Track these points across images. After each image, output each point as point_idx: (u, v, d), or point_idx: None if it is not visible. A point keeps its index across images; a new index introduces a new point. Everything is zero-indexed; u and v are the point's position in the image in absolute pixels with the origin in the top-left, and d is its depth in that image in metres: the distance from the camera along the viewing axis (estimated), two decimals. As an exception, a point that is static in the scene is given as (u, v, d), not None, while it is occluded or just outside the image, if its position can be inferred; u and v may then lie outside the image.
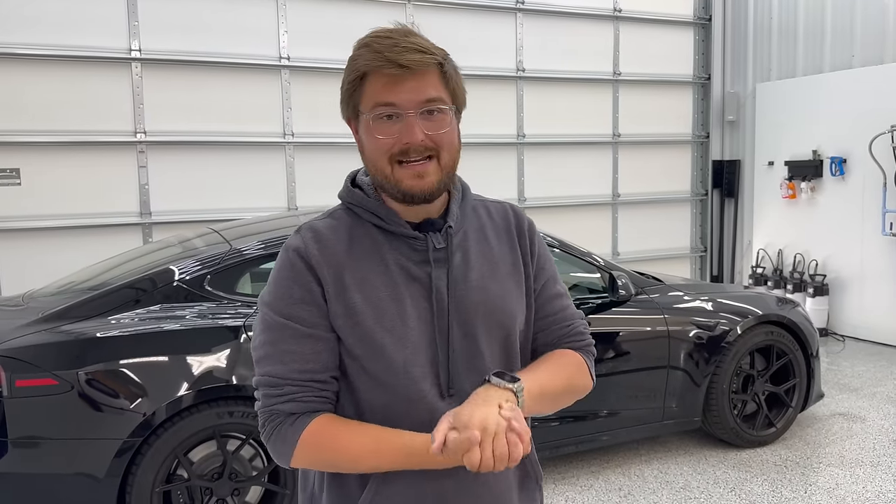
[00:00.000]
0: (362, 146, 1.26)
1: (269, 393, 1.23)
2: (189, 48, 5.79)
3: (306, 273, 1.22)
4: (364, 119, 1.23)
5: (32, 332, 2.90)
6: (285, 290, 1.23)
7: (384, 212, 1.26)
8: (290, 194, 6.29)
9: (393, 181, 1.22)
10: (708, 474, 3.96)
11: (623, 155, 7.81)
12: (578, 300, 3.96)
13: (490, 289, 1.31)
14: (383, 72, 1.18)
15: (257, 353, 1.25)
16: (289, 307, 1.22)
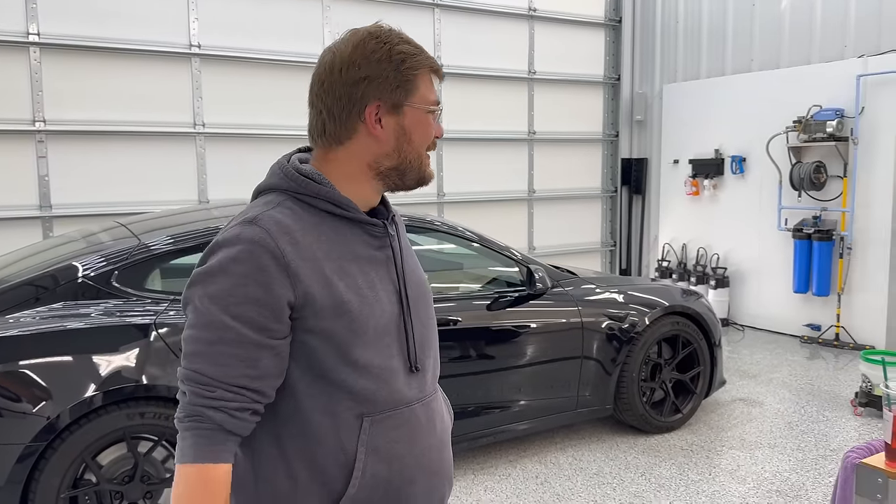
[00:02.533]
0: (383, 141, 1.26)
1: (198, 392, 1.15)
2: (94, 33, 5.52)
3: (274, 271, 1.15)
4: (417, 111, 1.26)
5: None
6: (237, 287, 1.14)
7: (343, 200, 1.25)
8: (200, 187, 6.09)
9: (424, 167, 1.30)
10: (619, 460, 4.12)
11: (538, 152, 7.98)
12: (498, 293, 4.03)
13: (419, 273, 1.40)
14: (430, 74, 1.30)
15: (190, 346, 1.16)
16: (238, 306, 1.14)
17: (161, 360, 2.98)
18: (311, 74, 1.27)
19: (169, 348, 2.99)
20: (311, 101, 1.26)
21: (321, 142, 1.27)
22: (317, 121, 1.26)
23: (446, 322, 3.70)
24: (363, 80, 1.22)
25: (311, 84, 1.26)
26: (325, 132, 1.25)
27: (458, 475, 3.92)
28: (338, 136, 1.25)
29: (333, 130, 1.24)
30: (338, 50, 1.24)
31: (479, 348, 3.86)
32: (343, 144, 1.25)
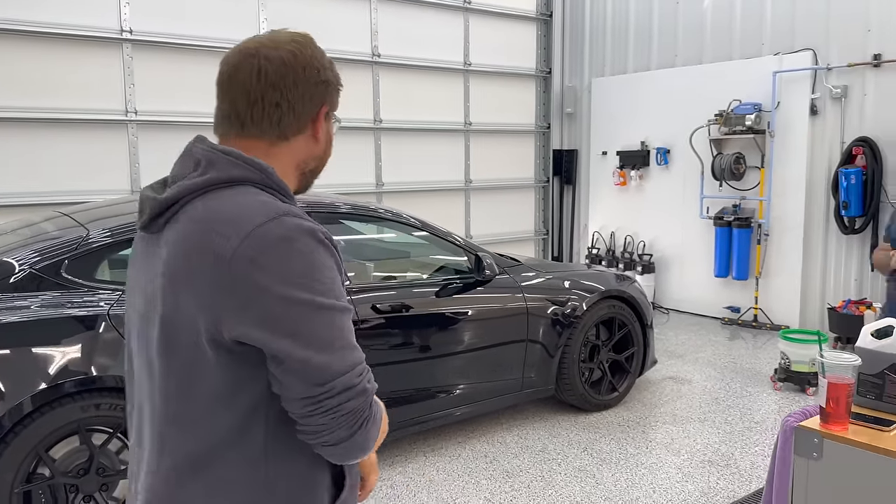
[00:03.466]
0: (320, 143, 1.31)
1: (367, 378, 1.15)
2: (24, 17, 5.27)
3: (338, 260, 1.18)
4: (333, 123, 1.34)
5: None
6: (334, 276, 1.15)
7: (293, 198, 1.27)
8: (133, 176, 5.93)
9: (315, 176, 1.36)
10: (562, 437, 4.31)
11: (474, 143, 8.13)
12: (446, 280, 4.14)
13: None
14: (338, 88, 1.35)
15: (342, 341, 1.13)
16: (342, 293, 1.16)
17: (109, 351, 2.94)
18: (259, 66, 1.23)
19: (122, 336, 2.95)
20: (272, 97, 1.23)
21: (271, 134, 1.24)
22: (273, 112, 1.22)
23: (399, 308, 3.78)
24: (324, 83, 1.27)
25: (272, 81, 1.22)
26: (280, 125, 1.24)
27: (410, 457, 4.01)
28: (291, 130, 1.25)
29: (289, 125, 1.24)
30: (293, 49, 1.25)
31: (429, 334, 3.96)
32: (289, 140, 1.25)
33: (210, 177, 1.17)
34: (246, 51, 1.25)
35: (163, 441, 1.18)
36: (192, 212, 1.15)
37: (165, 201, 1.17)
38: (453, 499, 3.56)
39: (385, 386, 3.68)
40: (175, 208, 1.17)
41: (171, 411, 1.16)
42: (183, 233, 1.14)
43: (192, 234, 1.13)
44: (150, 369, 1.19)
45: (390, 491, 3.63)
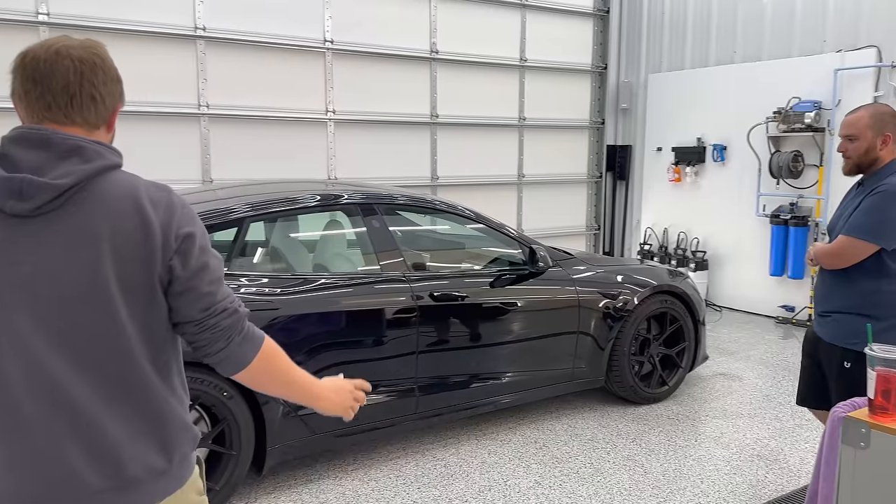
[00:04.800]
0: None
1: (236, 300, 1.51)
2: (98, 14, 5.61)
3: None
4: None
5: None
6: None
7: None
8: (204, 167, 6.24)
9: None
10: (611, 427, 4.42)
11: (528, 138, 8.23)
12: (499, 271, 4.28)
13: None
14: None
15: (220, 273, 1.49)
16: None
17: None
18: (72, 65, 1.39)
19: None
20: (87, 89, 1.40)
21: (92, 122, 1.43)
22: (90, 105, 1.41)
23: (454, 297, 3.94)
24: (120, 82, 1.48)
25: (87, 76, 1.40)
26: (97, 115, 1.43)
27: (462, 440, 4.18)
28: (104, 120, 1.45)
29: (104, 115, 1.45)
30: (98, 53, 1.44)
31: (481, 322, 4.11)
32: (100, 129, 1.45)
33: (101, 165, 1.39)
34: None
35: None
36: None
37: (59, 186, 1.33)
38: (504, 480, 3.71)
39: (438, 370, 3.88)
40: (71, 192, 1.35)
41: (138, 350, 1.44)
42: (108, 208, 1.36)
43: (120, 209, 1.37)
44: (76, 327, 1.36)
45: (444, 470, 3.81)
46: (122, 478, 1.40)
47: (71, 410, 1.36)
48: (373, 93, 7.04)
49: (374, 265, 3.87)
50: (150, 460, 1.44)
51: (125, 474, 1.40)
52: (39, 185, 1.32)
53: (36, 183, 1.32)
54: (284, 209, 3.80)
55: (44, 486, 1.36)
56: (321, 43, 6.68)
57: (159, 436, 1.46)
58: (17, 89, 1.40)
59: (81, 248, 1.34)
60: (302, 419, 3.47)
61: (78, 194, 1.35)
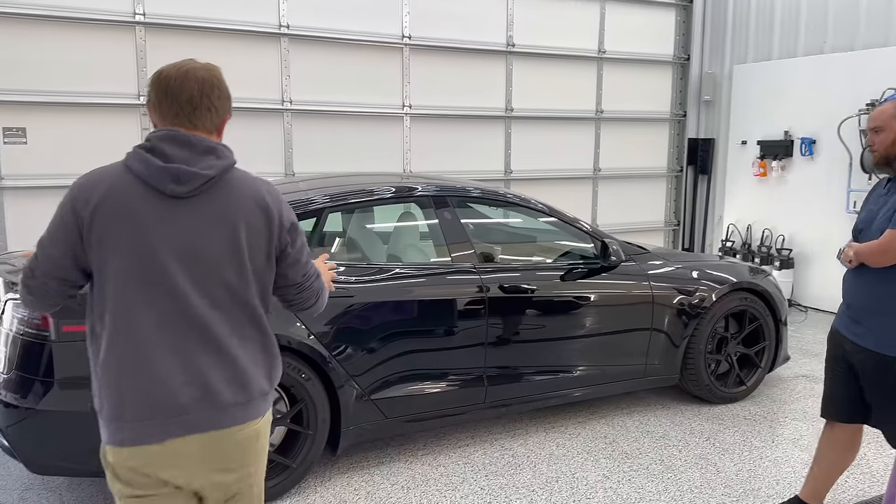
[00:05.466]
0: None
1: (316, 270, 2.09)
2: (192, 13, 5.91)
3: None
4: None
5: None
6: None
7: None
8: (287, 161, 6.47)
9: None
10: (684, 426, 4.35)
11: (605, 131, 8.12)
12: (571, 265, 4.28)
13: None
14: None
15: (306, 254, 2.01)
16: None
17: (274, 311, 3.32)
18: (196, 83, 1.79)
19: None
20: (206, 103, 1.79)
21: (209, 128, 1.82)
22: (207, 115, 1.80)
23: (523, 290, 3.97)
24: (230, 99, 1.89)
25: (206, 92, 1.80)
26: (212, 123, 1.83)
27: (531, 431, 4.21)
28: (216, 127, 1.85)
29: (217, 124, 1.84)
30: (216, 75, 1.84)
31: (552, 316, 4.13)
32: (213, 134, 1.83)
33: (228, 162, 1.81)
34: None
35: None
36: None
37: (206, 175, 1.74)
38: (571, 472, 3.73)
39: (506, 361, 3.92)
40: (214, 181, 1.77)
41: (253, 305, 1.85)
42: (239, 194, 1.80)
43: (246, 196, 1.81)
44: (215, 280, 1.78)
45: (512, 460, 3.85)
46: (246, 395, 1.81)
47: (215, 343, 1.77)
48: (448, 87, 7.12)
49: (446, 256, 3.94)
50: (262, 384, 1.85)
51: (248, 393, 1.81)
52: (193, 173, 1.72)
53: (190, 172, 1.72)
54: (361, 200, 3.92)
55: (190, 398, 1.74)
56: (399, 38, 6.81)
57: (267, 367, 1.88)
58: (153, 99, 1.81)
59: (222, 225, 1.76)
60: (374, 403, 3.59)
61: (217, 183, 1.77)
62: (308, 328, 3.36)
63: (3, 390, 3.07)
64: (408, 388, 3.69)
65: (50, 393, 3.00)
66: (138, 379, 1.71)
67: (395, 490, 3.53)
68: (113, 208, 1.69)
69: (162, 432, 1.72)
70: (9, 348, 3.12)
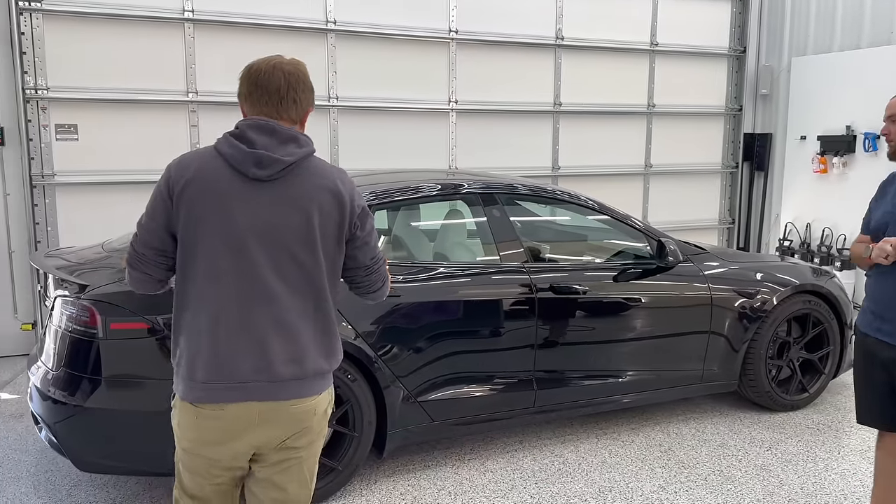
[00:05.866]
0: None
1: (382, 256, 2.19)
2: (240, 10, 5.91)
3: None
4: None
5: (122, 280, 3.08)
6: None
7: None
8: (332, 157, 6.43)
9: None
10: (744, 434, 4.15)
11: (657, 125, 7.89)
12: (625, 265, 4.12)
13: None
14: None
15: (376, 241, 2.12)
16: None
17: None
18: (283, 76, 1.95)
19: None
20: (291, 95, 1.95)
21: (294, 118, 1.98)
22: (293, 105, 1.95)
23: (574, 291, 3.83)
24: (313, 92, 2.03)
25: (293, 85, 1.96)
26: (297, 114, 1.98)
27: (581, 438, 4.07)
28: (300, 118, 2.00)
29: (300, 114, 1.99)
30: (301, 69, 1.99)
31: (604, 318, 3.97)
32: (297, 124, 1.99)
33: (307, 150, 1.94)
34: None
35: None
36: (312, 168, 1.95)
37: (286, 161, 1.87)
38: (626, 482, 3.58)
39: (557, 364, 3.79)
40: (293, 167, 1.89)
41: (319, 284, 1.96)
42: (316, 180, 1.92)
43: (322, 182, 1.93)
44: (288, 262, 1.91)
45: (563, 467, 3.72)
46: (302, 372, 1.91)
47: (281, 320, 1.88)
48: (495, 82, 6.99)
49: (494, 255, 3.83)
50: (320, 364, 1.95)
51: (304, 370, 1.92)
52: (274, 159, 1.86)
53: (272, 157, 1.85)
54: (407, 198, 3.83)
55: (252, 369, 1.87)
56: (446, 33, 6.70)
57: (328, 347, 1.97)
58: (244, 91, 1.97)
59: (298, 208, 1.87)
60: (421, 405, 3.50)
61: (296, 169, 1.89)
62: (354, 328, 3.29)
63: (51, 387, 3.07)
64: (455, 391, 3.59)
65: (97, 391, 2.99)
66: (210, 345, 1.87)
67: (441, 495, 3.43)
68: (201, 186, 1.85)
69: (225, 396, 1.87)
70: (58, 345, 3.13)
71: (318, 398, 1.97)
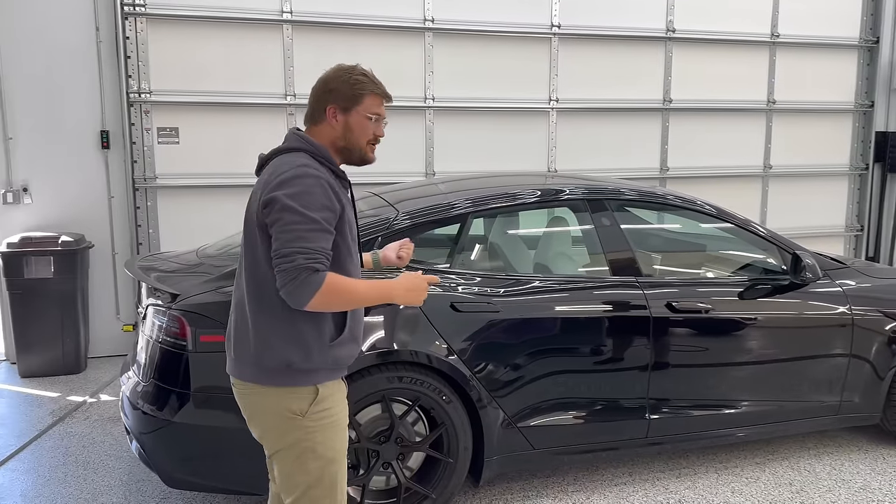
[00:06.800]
0: (345, 126, 2.10)
1: (297, 253, 1.91)
2: (338, 10, 5.81)
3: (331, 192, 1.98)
4: (360, 116, 2.10)
5: (214, 290, 2.96)
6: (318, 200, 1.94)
7: (335, 162, 2.09)
8: (428, 159, 6.24)
9: (364, 151, 2.14)
10: (889, 475, 3.63)
11: (777, 123, 7.26)
12: (752, 280, 3.68)
13: None
14: (377, 97, 2.14)
15: (298, 232, 1.90)
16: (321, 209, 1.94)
17: (412, 326, 3.03)
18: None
19: (424, 315, 3.03)
20: (310, 100, 2.15)
21: (307, 120, 2.15)
22: (307, 110, 2.14)
23: (695, 309, 3.43)
24: (329, 91, 2.10)
25: (312, 90, 2.15)
26: (307, 116, 2.14)
27: (699, 472, 3.66)
28: (311, 119, 2.13)
29: (310, 116, 2.14)
30: (327, 73, 2.14)
31: (728, 340, 3.55)
32: (309, 125, 2.13)
33: (282, 146, 2.09)
34: None
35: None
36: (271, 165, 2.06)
37: (264, 157, 2.11)
38: (753, 528, 3.16)
39: (674, 391, 3.40)
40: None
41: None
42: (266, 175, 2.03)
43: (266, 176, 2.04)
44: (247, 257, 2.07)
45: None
46: (237, 354, 2.10)
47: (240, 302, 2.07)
48: (599, 78, 6.60)
49: (603, 267, 3.49)
50: (247, 351, 2.05)
51: (238, 353, 2.09)
52: (261, 156, 2.12)
53: (261, 155, 2.12)
54: (506, 205, 3.55)
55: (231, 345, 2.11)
56: (548, 28, 6.38)
57: (255, 338, 2.03)
58: None
59: (251, 201, 2.04)
60: (521, 431, 3.21)
61: (267, 164, 2.08)
62: (448, 344, 3.04)
63: (140, 399, 2.99)
64: (558, 416, 3.27)
65: (185, 405, 2.87)
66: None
67: (542, 531, 3.14)
68: None
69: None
70: (148, 355, 3.04)
71: (262, 389, 2.05)
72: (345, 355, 2.08)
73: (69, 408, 4.52)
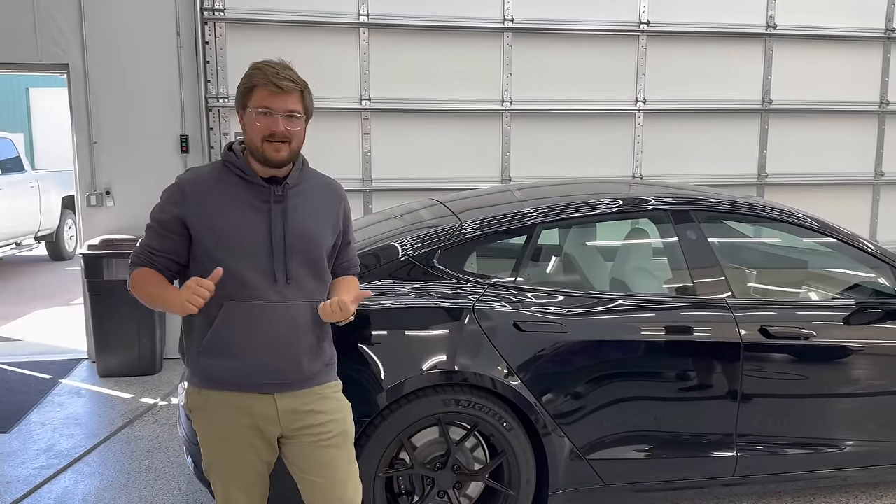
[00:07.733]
0: (244, 126, 2.04)
1: (134, 251, 2.12)
2: (415, 12, 5.67)
3: (176, 197, 2.04)
4: (250, 112, 2.01)
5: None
6: (159, 205, 2.08)
7: (246, 168, 2.04)
8: (503, 165, 6.01)
9: (262, 150, 2.00)
10: None
11: (891, 126, 6.61)
12: (861, 303, 3.26)
13: (309, 225, 2.10)
14: (266, 89, 2.00)
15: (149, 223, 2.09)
16: (157, 214, 2.08)
17: (475, 346, 2.83)
18: None
19: (484, 333, 2.82)
20: None
21: None
22: None
23: (793, 335, 3.06)
24: (241, 94, 2.06)
25: None
26: None
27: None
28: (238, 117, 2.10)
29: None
30: None
31: (833, 371, 3.16)
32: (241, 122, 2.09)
33: None
34: None
35: None
36: None
37: None
38: (857, 588, 2.77)
39: (766, 426, 3.02)
40: None
41: None
42: None
43: None
44: None
45: (768, 555, 2.98)
46: None
47: None
48: (690, 78, 6.19)
49: (687, 285, 3.17)
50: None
51: None
52: None
53: None
54: (583, 215, 3.28)
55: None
56: (635, 25, 6.03)
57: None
58: None
59: None
60: (590, 464, 2.94)
61: None
62: (509, 365, 2.81)
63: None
64: (633, 450, 2.98)
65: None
66: None
67: (612, 575, 2.85)
68: None
69: None
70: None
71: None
72: (209, 366, 2.04)
73: (140, 410, 4.57)
